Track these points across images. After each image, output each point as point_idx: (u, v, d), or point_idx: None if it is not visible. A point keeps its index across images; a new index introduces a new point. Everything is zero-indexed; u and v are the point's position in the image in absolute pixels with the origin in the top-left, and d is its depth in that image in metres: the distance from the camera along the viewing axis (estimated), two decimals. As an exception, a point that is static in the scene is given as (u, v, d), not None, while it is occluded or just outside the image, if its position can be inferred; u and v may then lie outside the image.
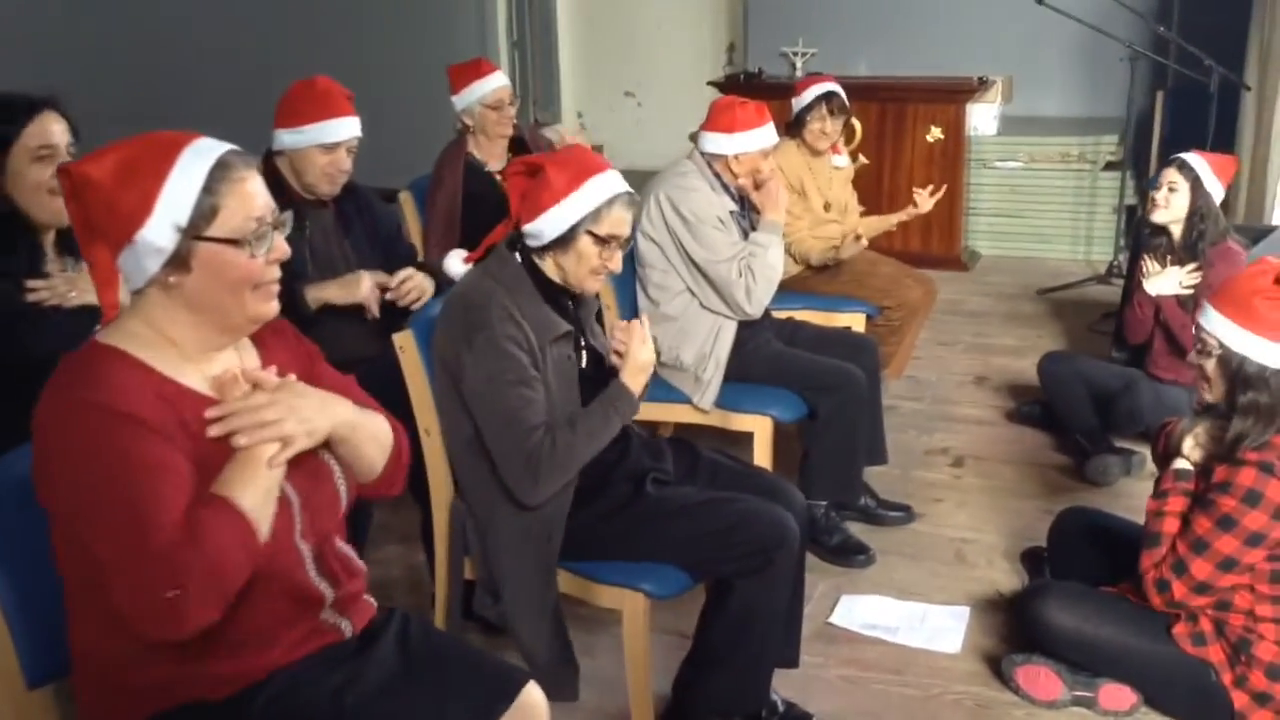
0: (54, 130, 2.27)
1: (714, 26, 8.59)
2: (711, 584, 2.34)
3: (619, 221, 2.20)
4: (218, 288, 1.49)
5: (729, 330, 3.18)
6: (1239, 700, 2.33)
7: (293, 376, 1.60)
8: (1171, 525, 2.35)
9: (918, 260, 5.11)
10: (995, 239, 6.43)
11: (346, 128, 2.87)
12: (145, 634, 1.40)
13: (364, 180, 3.07)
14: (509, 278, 2.19)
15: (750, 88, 6.21)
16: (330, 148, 2.85)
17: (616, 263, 2.23)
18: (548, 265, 2.23)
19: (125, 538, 1.37)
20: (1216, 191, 3.47)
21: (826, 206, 4.08)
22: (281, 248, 1.55)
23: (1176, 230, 3.55)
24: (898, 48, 6.77)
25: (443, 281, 3.17)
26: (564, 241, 2.18)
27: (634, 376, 2.23)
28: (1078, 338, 5.05)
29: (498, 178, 3.58)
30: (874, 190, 5.83)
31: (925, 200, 4.06)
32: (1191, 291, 3.51)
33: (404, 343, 2.28)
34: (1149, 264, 3.61)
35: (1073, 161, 6.23)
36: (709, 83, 6.65)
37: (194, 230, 1.46)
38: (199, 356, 1.54)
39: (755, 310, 3.14)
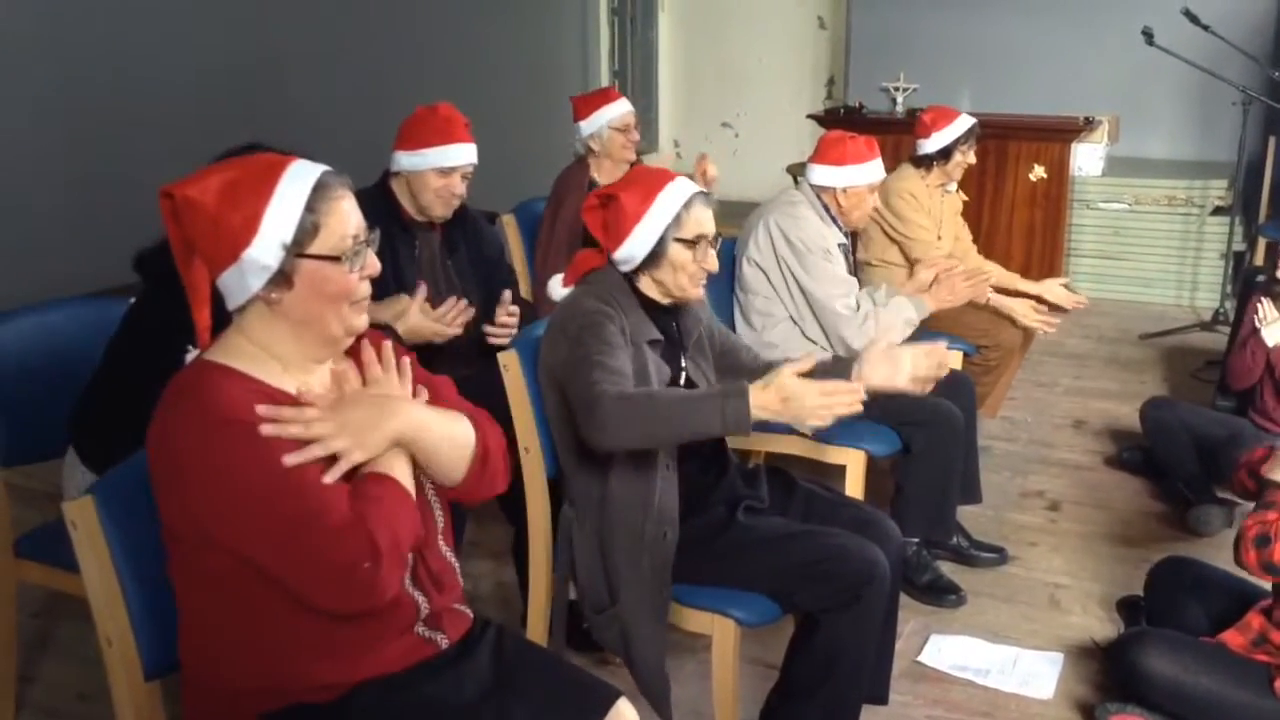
0: None
1: (814, 60, 8.61)
2: (800, 616, 2.34)
3: (700, 221, 2.24)
4: (318, 302, 1.55)
5: (828, 360, 3.18)
6: (1343, 760, 2.26)
7: (351, 388, 1.63)
8: None
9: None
10: (1097, 281, 6.31)
11: (463, 154, 2.95)
12: (342, 610, 1.50)
13: (468, 203, 3.15)
14: (609, 287, 2.24)
15: (851, 122, 6.21)
16: (446, 172, 2.93)
17: (712, 261, 2.26)
18: (646, 285, 2.27)
19: (302, 534, 1.45)
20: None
21: (939, 236, 4.09)
22: (373, 264, 1.60)
23: (1307, 284, 3.46)
24: (1000, 84, 6.72)
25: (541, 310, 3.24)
26: (655, 256, 2.22)
27: (775, 402, 1.97)
28: (1180, 384, 4.93)
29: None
30: (973, 227, 5.73)
31: (1060, 294, 4.06)
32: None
33: (508, 361, 2.33)
34: (1268, 310, 3.51)
35: (1179, 205, 6.10)
36: (809, 116, 6.67)
37: (298, 248, 1.51)
38: (300, 369, 1.59)
39: (858, 348, 3.14)
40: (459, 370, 2.96)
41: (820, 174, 3.23)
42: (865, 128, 5.12)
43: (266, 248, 1.49)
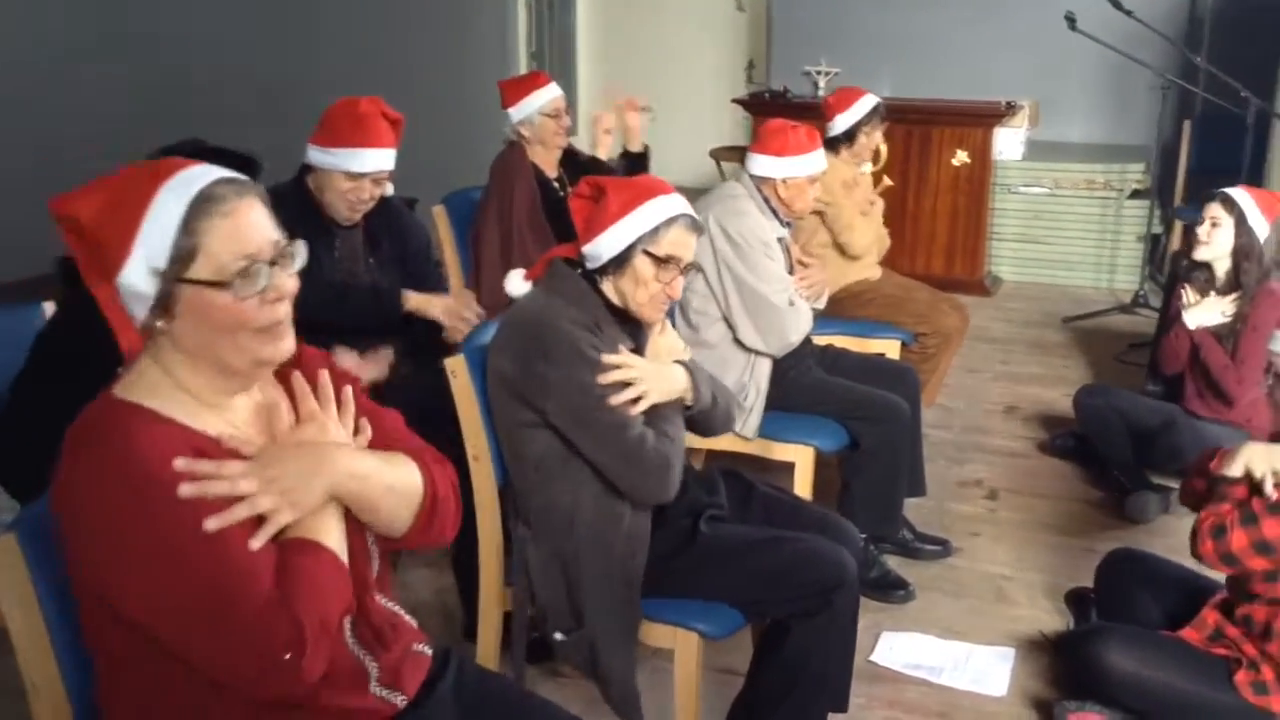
0: None
1: (733, 43, 8.56)
2: (767, 624, 2.27)
3: (679, 243, 2.14)
4: (206, 332, 1.34)
5: (765, 357, 3.12)
6: (1302, 754, 2.27)
7: (282, 425, 1.45)
8: (1242, 491, 2.30)
9: (940, 284, 5.03)
10: (1018, 265, 6.39)
11: (376, 160, 2.78)
12: (258, 698, 1.33)
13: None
14: (572, 292, 2.14)
15: (776, 107, 6.16)
16: (355, 176, 2.77)
17: (676, 288, 2.17)
18: (607, 288, 2.17)
19: (218, 615, 1.27)
20: (1261, 229, 3.39)
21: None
22: (284, 286, 1.38)
23: (1219, 267, 3.49)
24: (922, 69, 6.74)
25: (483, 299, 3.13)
26: (621, 262, 2.13)
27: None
28: (1105, 367, 5.00)
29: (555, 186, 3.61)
30: (899, 213, 5.77)
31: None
32: (1229, 321, 3.46)
33: (456, 367, 2.21)
34: (1188, 295, 3.54)
35: (1098, 189, 6.18)
36: (735, 100, 6.61)
37: (173, 273, 1.31)
38: (215, 403, 1.41)
39: (795, 341, 3.09)
40: (401, 369, 2.87)
41: (760, 164, 3.15)
42: (790, 112, 5.05)
43: (138, 273, 1.30)
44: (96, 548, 1.29)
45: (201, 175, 1.34)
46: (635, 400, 2.07)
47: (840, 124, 3.95)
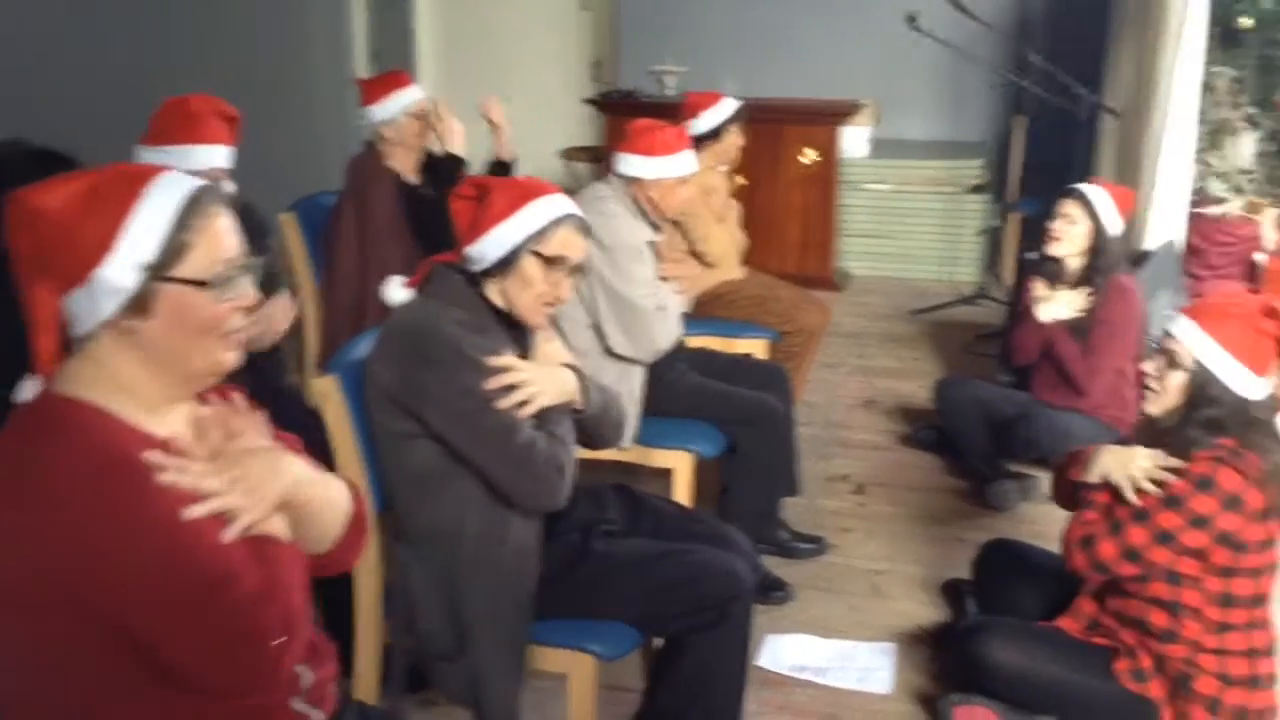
0: None
1: (579, 43, 8.48)
2: (663, 640, 2.21)
3: (567, 242, 2.07)
4: (180, 334, 1.35)
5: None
6: (1179, 737, 2.34)
7: (242, 435, 1.42)
8: (1104, 496, 2.33)
9: (793, 281, 5.09)
10: (867, 260, 6.52)
11: (209, 156, 2.62)
12: (232, 689, 1.33)
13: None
14: (454, 296, 2.04)
15: (629, 106, 6.13)
16: (190, 175, 2.60)
17: (565, 290, 2.09)
18: (491, 292, 2.08)
19: (210, 599, 1.26)
20: (1114, 225, 3.51)
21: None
22: (249, 295, 1.40)
23: (1072, 262, 3.59)
24: (766, 69, 6.81)
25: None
26: (507, 264, 2.04)
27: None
28: (955, 358, 5.14)
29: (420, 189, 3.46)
30: (749, 212, 5.71)
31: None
32: (1082, 316, 3.58)
33: (327, 389, 2.07)
34: (1039, 289, 3.64)
35: (940, 185, 6.36)
36: (586, 100, 6.54)
37: (159, 270, 1.31)
38: (156, 407, 1.38)
39: (665, 348, 3.04)
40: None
41: (630, 164, 3.08)
42: (642, 111, 4.99)
43: (121, 267, 1.30)
44: (65, 538, 1.23)
45: (187, 179, 1.37)
46: (524, 404, 1.99)
47: (705, 122, 3.90)
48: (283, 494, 1.40)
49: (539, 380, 2.01)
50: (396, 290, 2.09)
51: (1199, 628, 2.30)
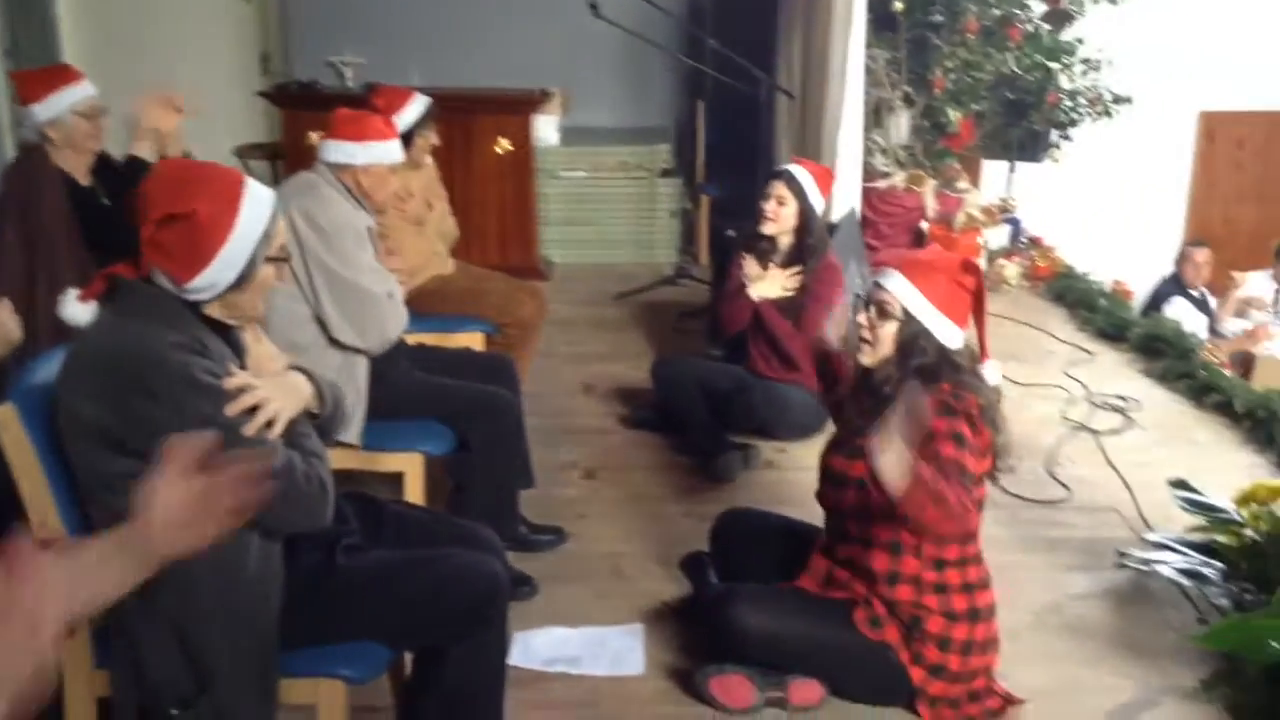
0: None
1: (244, 36, 7.98)
2: (415, 654, 2.08)
3: (283, 230, 1.93)
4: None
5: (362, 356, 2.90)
6: (916, 676, 2.46)
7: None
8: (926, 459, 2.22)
9: (499, 271, 5.04)
10: (568, 247, 6.54)
11: None
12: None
13: None
14: (159, 314, 1.81)
15: (308, 99, 5.83)
16: None
17: (285, 273, 1.96)
18: (212, 310, 1.87)
19: None
20: (819, 203, 3.67)
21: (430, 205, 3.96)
22: None
23: (783, 241, 3.73)
24: (450, 59, 6.64)
25: None
26: (245, 279, 1.85)
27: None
28: (664, 338, 5.24)
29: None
30: (450, 204, 5.67)
31: None
32: (792, 294, 3.73)
33: (4, 420, 1.79)
34: (751, 268, 3.77)
35: (631, 170, 6.48)
36: (260, 93, 6.16)
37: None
38: None
39: (394, 337, 2.90)
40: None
41: (339, 151, 2.92)
42: (323, 104, 4.79)
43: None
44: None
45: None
46: (270, 424, 1.81)
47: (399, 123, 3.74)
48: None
49: (277, 394, 1.83)
50: (76, 308, 1.83)
51: (917, 564, 2.42)
